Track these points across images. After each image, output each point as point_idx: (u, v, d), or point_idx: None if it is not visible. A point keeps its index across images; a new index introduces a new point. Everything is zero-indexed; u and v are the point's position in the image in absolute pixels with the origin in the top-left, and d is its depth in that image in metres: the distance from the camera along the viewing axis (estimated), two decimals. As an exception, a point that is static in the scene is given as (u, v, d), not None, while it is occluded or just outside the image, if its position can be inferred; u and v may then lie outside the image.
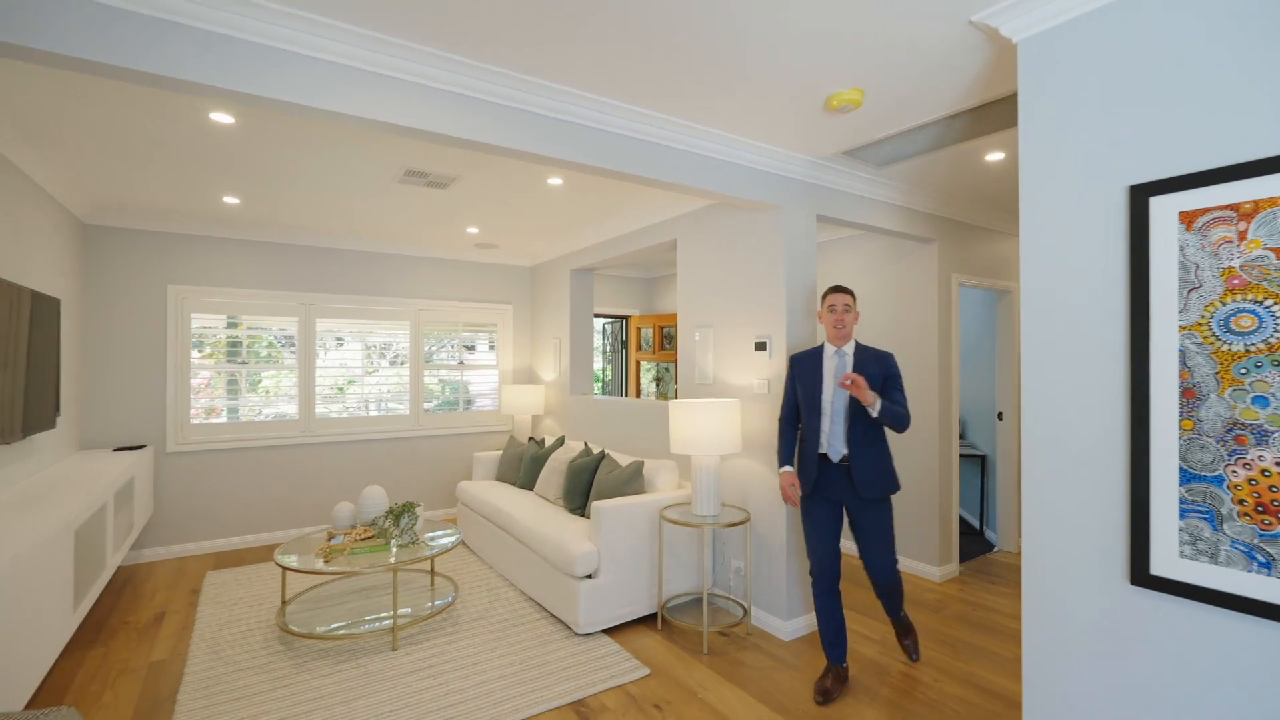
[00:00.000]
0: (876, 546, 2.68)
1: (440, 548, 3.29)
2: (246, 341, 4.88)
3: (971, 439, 5.17)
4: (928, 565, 4.07)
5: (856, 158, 3.20)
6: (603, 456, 3.90)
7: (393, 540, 3.35)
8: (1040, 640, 1.80)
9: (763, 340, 3.32)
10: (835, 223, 3.54)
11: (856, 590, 3.85)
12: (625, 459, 4.06)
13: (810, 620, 3.28)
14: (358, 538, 3.36)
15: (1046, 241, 1.80)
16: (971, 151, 3.11)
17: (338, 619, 3.29)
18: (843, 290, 2.72)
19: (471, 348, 5.96)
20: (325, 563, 3.07)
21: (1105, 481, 1.66)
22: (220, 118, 2.71)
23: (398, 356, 5.52)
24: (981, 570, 4.24)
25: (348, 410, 5.24)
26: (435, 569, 3.99)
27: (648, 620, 3.39)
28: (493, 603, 3.61)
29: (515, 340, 6.13)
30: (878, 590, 2.77)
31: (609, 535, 3.21)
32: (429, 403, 5.67)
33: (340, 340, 5.23)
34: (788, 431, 2.86)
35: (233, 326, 4.81)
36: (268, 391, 4.95)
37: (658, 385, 7.35)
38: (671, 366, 7.06)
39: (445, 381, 5.79)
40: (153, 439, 4.44)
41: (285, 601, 3.43)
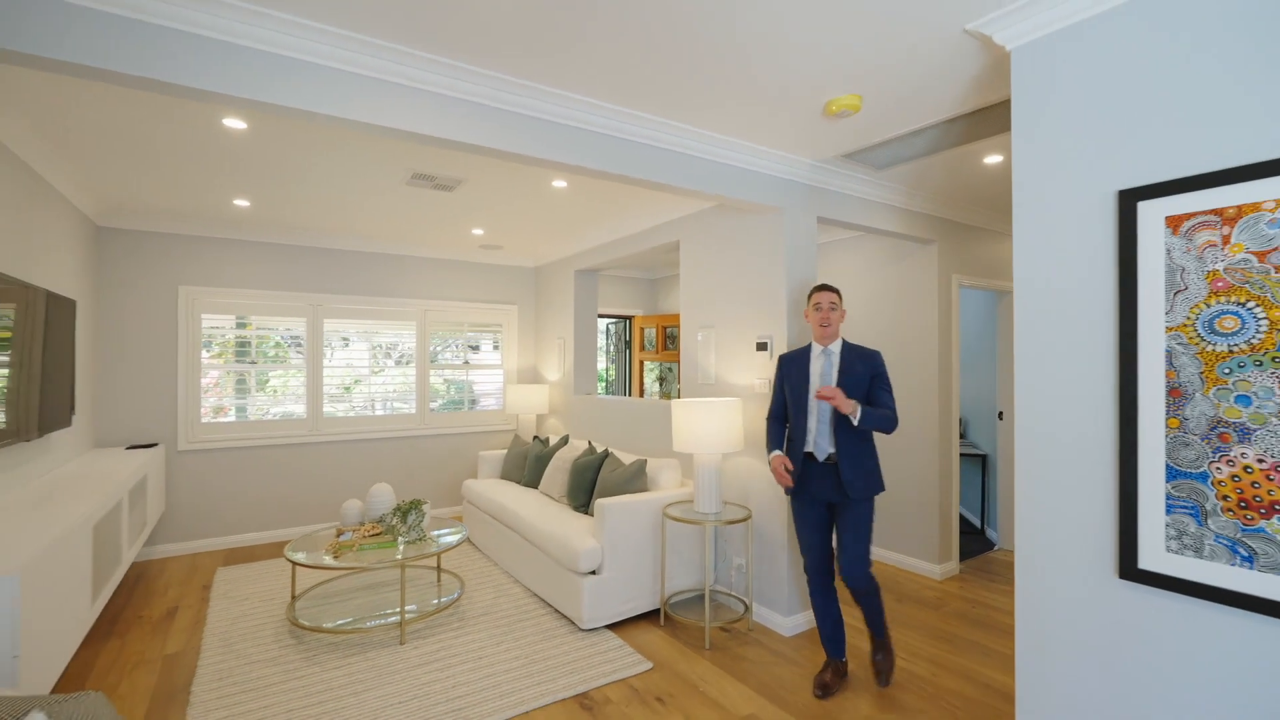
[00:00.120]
0: (852, 546, 2.62)
1: (446, 544, 3.35)
2: (255, 341, 4.95)
3: (973, 439, 5.21)
4: (928, 563, 4.11)
5: (856, 160, 3.25)
6: (606, 455, 3.96)
7: (400, 537, 3.41)
8: (1033, 633, 1.85)
9: (764, 341, 3.36)
10: (836, 224, 3.59)
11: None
12: (628, 457, 4.12)
13: (810, 617, 3.33)
14: (366, 534, 3.42)
15: (1038, 244, 1.84)
16: (970, 154, 3.15)
17: (346, 614, 3.35)
18: (828, 289, 2.71)
19: (476, 348, 6.02)
20: (334, 558, 3.13)
21: (1095, 478, 1.71)
22: (233, 123, 2.77)
23: (403, 356, 5.59)
24: (982, 568, 4.27)
25: (354, 410, 5.32)
26: (441, 565, 4.05)
27: (650, 616, 3.44)
28: (498, 598, 3.67)
29: (520, 340, 6.19)
30: (854, 595, 2.67)
31: (612, 532, 3.27)
32: (434, 402, 5.73)
33: (346, 340, 5.30)
34: (775, 426, 2.86)
35: (242, 326, 4.89)
36: (275, 391, 5.02)
37: (661, 385, 7.40)
38: (674, 366, 7.11)
39: (450, 381, 5.86)
40: (164, 437, 4.52)
41: (295, 597, 3.50)
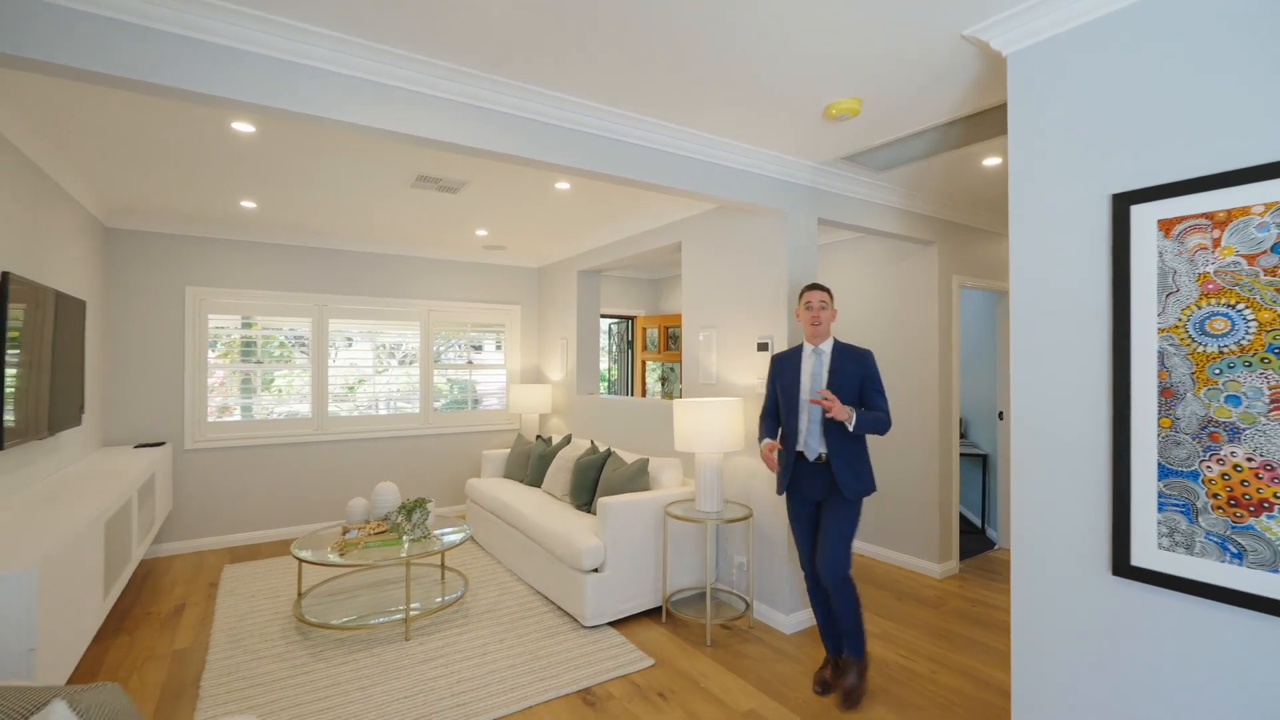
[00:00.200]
0: (829, 544, 2.58)
1: (450, 543, 3.38)
2: (260, 341, 5.00)
3: (974, 439, 5.23)
4: (928, 562, 4.13)
5: (857, 162, 3.28)
6: (609, 454, 4.00)
7: (405, 535, 3.45)
8: (1028, 628, 1.88)
9: (765, 341, 3.40)
10: (836, 226, 3.62)
11: (858, 585, 3.91)
12: (631, 457, 4.15)
13: (811, 614, 3.36)
14: (371, 532, 3.46)
15: (1034, 247, 1.87)
16: (969, 157, 3.18)
17: (352, 611, 3.39)
18: (818, 288, 2.71)
19: (479, 348, 6.06)
20: (341, 556, 3.17)
21: (1089, 476, 1.74)
22: (241, 126, 2.82)
23: (407, 356, 5.63)
24: (982, 567, 4.30)
25: (358, 409, 5.36)
26: (445, 563, 4.09)
27: (652, 613, 3.48)
28: (501, 596, 3.71)
29: (523, 340, 6.23)
30: (828, 593, 2.60)
31: (615, 530, 3.30)
32: (438, 402, 5.78)
33: (350, 340, 5.35)
34: (767, 422, 2.87)
35: (247, 327, 4.93)
36: (280, 391, 5.07)
37: (663, 385, 7.44)
38: (676, 366, 7.15)
39: (454, 381, 5.90)
40: (171, 436, 4.56)
41: (301, 594, 3.54)
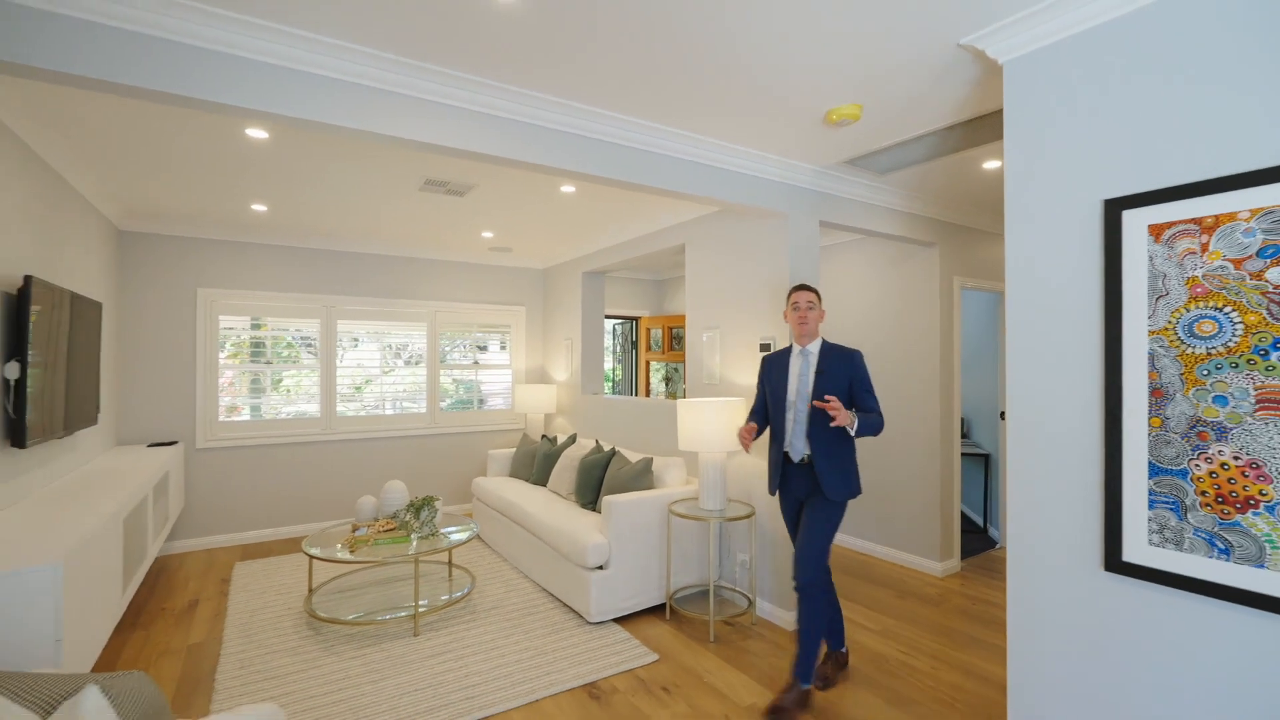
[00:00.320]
0: (805, 543, 2.57)
1: (458, 540, 3.45)
2: (269, 342, 5.07)
3: (976, 438, 5.26)
4: (930, 560, 4.17)
5: (858, 166, 3.32)
6: (613, 453, 4.05)
7: (413, 533, 3.51)
8: (1023, 623, 1.92)
9: (766, 342, 3.44)
10: (838, 228, 3.66)
11: (859, 583, 3.97)
12: (635, 456, 4.20)
13: (813, 611, 3.40)
14: (381, 530, 3.52)
15: (1029, 250, 1.92)
16: (969, 160, 3.22)
17: (362, 607, 3.46)
18: (806, 288, 2.71)
19: (485, 348, 6.13)
20: (351, 553, 3.24)
21: (1081, 475, 1.79)
22: (255, 132, 2.88)
23: (413, 357, 5.70)
24: (983, 566, 4.34)
25: (366, 409, 5.43)
26: (453, 561, 4.15)
27: (656, 610, 3.53)
28: (508, 593, 3.77)
29: (528, 341, 6.29)
30: (797, 593, 2.55)
31: (619, 529, 3.36)
32: (444, 401, 5.84)
33: (357, 341, 5.42)
34: (754, 419, 2.89)
35: (256, 328, 5.01)
36: (289, 390, 5.14)
37: (667, 385, 7.49)
38: (680, 366, 7.20)
39: (460, 381, 5.97)
40: (183, 436, 4.64)
41: (311, 590, 3.61)
